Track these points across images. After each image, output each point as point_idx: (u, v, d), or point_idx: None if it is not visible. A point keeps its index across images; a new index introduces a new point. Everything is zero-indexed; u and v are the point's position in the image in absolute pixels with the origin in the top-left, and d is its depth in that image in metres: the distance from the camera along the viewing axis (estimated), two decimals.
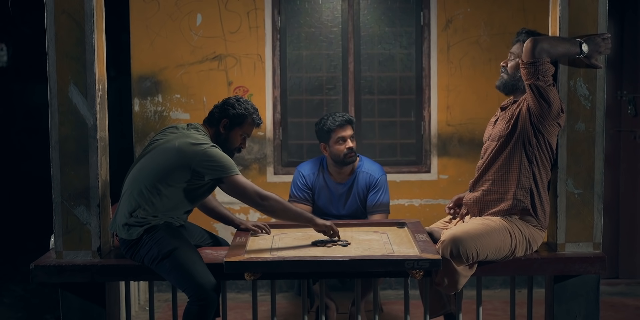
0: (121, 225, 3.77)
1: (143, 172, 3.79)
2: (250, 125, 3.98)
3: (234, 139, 3.96)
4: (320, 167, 4.88)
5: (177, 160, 3.73)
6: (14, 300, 5.84)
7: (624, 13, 5.87)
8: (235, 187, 3.76)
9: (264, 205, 3.79)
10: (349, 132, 4.75)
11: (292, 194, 4.89)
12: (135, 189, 3.78)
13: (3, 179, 9.29)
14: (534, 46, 3.59)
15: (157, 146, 3.83)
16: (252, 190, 3.78)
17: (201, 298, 3.55)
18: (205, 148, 3.74)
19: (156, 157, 3.79)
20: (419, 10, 5.80)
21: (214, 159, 3.72)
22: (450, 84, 5.80)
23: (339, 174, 4.84)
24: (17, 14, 5.04)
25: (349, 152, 4.74)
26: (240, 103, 3.97)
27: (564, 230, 3.84)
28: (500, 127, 3.83)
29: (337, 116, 4.77)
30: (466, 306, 4.21)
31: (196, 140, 3.78)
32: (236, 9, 5.73)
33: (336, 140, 4.73)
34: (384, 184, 4.86)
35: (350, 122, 4.79)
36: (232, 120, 3.94)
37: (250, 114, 3.97)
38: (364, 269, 3.61)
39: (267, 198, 3.79)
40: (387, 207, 4.85)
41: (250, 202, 3.80)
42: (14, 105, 9.83)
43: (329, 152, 4.79)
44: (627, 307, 5.50)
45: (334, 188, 4.84)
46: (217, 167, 3.72)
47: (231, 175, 3.74)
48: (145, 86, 5.74)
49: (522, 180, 3.76)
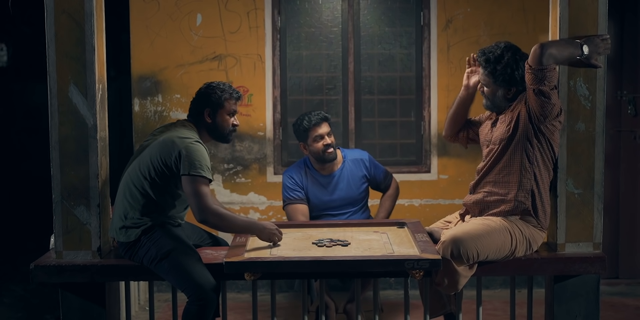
0: (118, 229, 3.77)
1: (132, 174, 3.79)
2: (230, 102, 3.92)
3: (224, 122, 3.92)
4: (305, 167, 4.92)
5: (161, 153, 3.72)
6: (14, 300, 5.84)
7: (623, 13, 5.86)
8: (195, 188, 3.65)
9: (206, 219, 3.64)
10: (325, 129, 4.80)
11: (285, 197, 4.89)
12: (126, 192, 3.78)
13: (3, 179, 9.28)
14: (542, 53, 3.58)
15: (146, 146, 3.83)
16: (206, 200, 3.65)
17: (200, 298, 3.55)
18: (189, 142, 3.72)
19: (144, 157, 3.79)
20: (419, 10, 5.80)
21: (194, 154, 3.68)
22: (450, 84, 5.80)
23: (324, 169, 4.88)
24: (17, 14, 5.04)
25: (326, 148, 4.77)
26: (212, 87, 3.92)
27: (564, 230, 3.84)
28: (501, 130, 3.84)
29: (313, 115, 4.81)
30: (466, 306, 4.21)
31: (183, 135, 3.77)
32: (236, 9, 5.73)
33: (314, 138, 4.78)
34: (373, 160, 5.00)
35: (326, 119, 4.84)
36: (212, 106, 3.89)
37: (226, 92, 3.91)
38: (364, 269, 3.61)
39: (212, 213, 3.65)
40: (389, 173, 5.02)
41: (195, 209, 3.66)
42: (14, 105, 9.83)
43: (308, 151, 4.84)
44: (627, 307, 5.49)
45: (324, 181, 4.87)
46: (193, 162, 3.67)
47: (199, 175, 3.66)
48: (145, 86, 5.74)
49: (523, 182, 3.76)
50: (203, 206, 3.65)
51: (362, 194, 4.93)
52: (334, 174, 4.88)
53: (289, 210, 4.85)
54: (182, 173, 3.68)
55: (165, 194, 3.78)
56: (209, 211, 3.65)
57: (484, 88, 3.91)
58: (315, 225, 4.40)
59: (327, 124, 4.83)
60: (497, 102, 3.88)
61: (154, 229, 3.74)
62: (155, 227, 3.75)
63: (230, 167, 5.80)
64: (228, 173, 5.79)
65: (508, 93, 3.84)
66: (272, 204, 5.82)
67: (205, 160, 3.72)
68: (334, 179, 4.87)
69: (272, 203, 5.82)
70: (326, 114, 4.88)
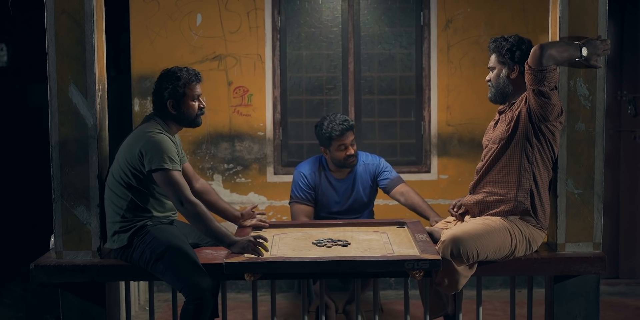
0: (110, 237, 3.78)
1: (109, 183, 3.78)
2: (192, 87, 3.81)
3: (190, 109, 3.81)
4: (320, 165, 4.87)
5: (127, 157, 3.71)
6: (14, 300, 5.83)
7: (623, 13, 5.86)
8: (165, 182, 3.63)
9: (186, 208, 3.61)
10: (350, 138, 4.72)
11: (293, 195, 4.86)
12: (109, 197, 3.77)
13: (3, 179, 9.29)
14: (542, 54, 3.59)
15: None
16: (181, 190, 3.63)
17: (197, 297, 3.54)
18: (147, 136, 3.69)
19: (115, 163, 3.79)
20: (419, 10, 5.80)
21: (152, 149, 3.64)
22: (450, 84, 5.80)
23: (339, 172, 4.84)
24: (17, 14, 5.04)
25: (348, 157, 4.74)
26: (168, 77, 3.80)
27: (564, 230, 3.84)
28: (501, 129, 3.84)
29: (337, 123, 4.69)
30: (466, 306, 4.21)
31: (141, 131, 3.75)
32: (236, 9, 5.73)
33: (337, 147, 4.71)
34: (387, 164, 4.92)
35: (351, 128, 4.74)
36: (174, 96, 3.78)
37: (183, 78, 3.79)
38: (364, 269, 3.61)
39: (192, 203, 3.63)
40: (401, 178, 4.90)
41: (174, 201, 3.65)
42: (14, 105, 9.84)
43: (329, 155, 4.78)
44: (627, 307, 5.49)
45: (337, 185, 4.84)
46: (153, 157, 3.63)
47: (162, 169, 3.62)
48: (145, 86, 5.74)
49: (522, 182, 3.76)
50: (180, 196, 3.61)
51: (370, 200, 4.92)
52: (347, 178, 4.84)
53: (293, 209, 4.83)
54: (146, 170, 3.67)
55: (146, 195, 3.77)
56: (193, 202, 3.61)
57: (490, 78, 3.91)
58: (315, 225, 4.39)
59: (352, 133, 4.74)
60: (502, 86, 3.86)
61: (144, 229, 3.74)
62: (146, 228, 3.74)
63: (230, 167, 5.80)
64: (228, 173, 5.79)
65: (511, 73, 3.83)
66: (272, 204, 5.82)
67: (167, 151, 3.65)
68: (346, 184, 4.84)
69: (272, 203, 5.82)
70: (351, 121, 4.76)
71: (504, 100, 3.91)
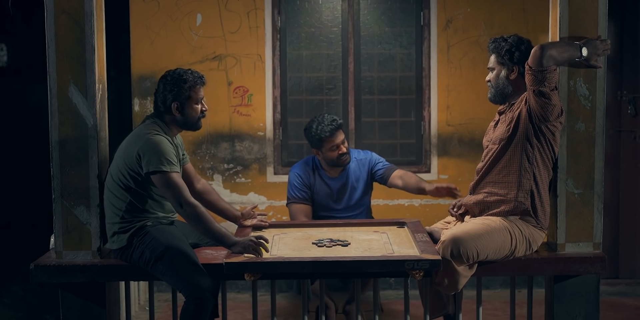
0: (110, 238, 3.78)
1: (109, 184, 3.78)
2: (197, 90, 3.81)
3: (193, 112, 3.81)
4: (313, 165, 4.89)
5: (125, 159, 3.71)
6: (14, 300, 5.84)
7: (623, 13, 5.87)
8: (163, 184, 3.63)
9: (185, 210, 3.61)
10: (340, 137, 4.73)
11: (290, 195, 4.87)
12: (108, 198, 3.77)
13: (3, 179, 9.29)
14: (543, 54, 3.59)
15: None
16: (180, 192, 3.63)
17: (197, 297, 3.54)
18: (145, 138, 3.69)
19: (113, 165, 3.79)
20: (419, 10, 5.80)
21: (150, 151, 3.63)
22: (450, 84, 5.80)
23: (333, 171, 4.86)
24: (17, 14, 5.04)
25: (341, 156, 4.75)
26: (173, 79, 3.80)
27: (564, 230, 3.84)
28: (502, 130, 3.84)
29: (326, 124, 4.69)
30: (466, 306, 4.21)
31: (139, 133, 3.75)
32: (236, 9, 5.73)
33: (329, 148, 4.72)
34: (379, 156, 4.94)
35: (340, 127, 4.75)
36: (179, 99, 3.78)
37: (189, 81, 3.79)
38: (364, 269, 3.60)
39: (191, 204, 3.62)
40: (394, 165, 4.90)
41: (173, 203, 3.66)
42: (14, 105, 9.84)
43: (322, 157, 4.79)
44: (627, 307, 5.49)
45: (331, 183, 4.85)
46: (150, 159, 3.63)
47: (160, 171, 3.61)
48: (145, 86, 5.74)
49: (523, 182, 3.76)
50: (178, 198, 3.61)
51: (365, 195, 4.92)
52: (340, 176, 4.85)
53: (292, 210, 4.84)
54: (144, 173, 3.67)
55: (145, 197, 3.76)
56: (193, 204, 3.62)
57: (490, 78, 3.92)
58: (315, 225, 4.39)
59: (341, 131, 4.76)
60: (501, 86, 3.87)
61: (144, 230, 3.74)
62: (145, 228, 3.74)
63: (230, 167, 5.80)
64: (228, 173, 5.79)
65: (510, 74, 3.83)
66: (272, 203, 5.82)
67: (164, 153, 3.64)
68: (341, 181, 4.85)
69: (272, 203, 5.82)
70: (339, 120, 4.77)
71: (504, 100, 3.91)
